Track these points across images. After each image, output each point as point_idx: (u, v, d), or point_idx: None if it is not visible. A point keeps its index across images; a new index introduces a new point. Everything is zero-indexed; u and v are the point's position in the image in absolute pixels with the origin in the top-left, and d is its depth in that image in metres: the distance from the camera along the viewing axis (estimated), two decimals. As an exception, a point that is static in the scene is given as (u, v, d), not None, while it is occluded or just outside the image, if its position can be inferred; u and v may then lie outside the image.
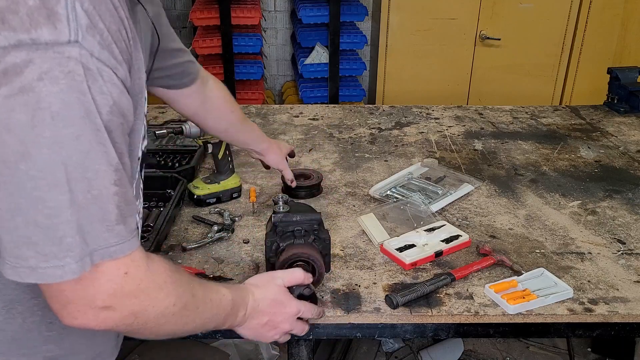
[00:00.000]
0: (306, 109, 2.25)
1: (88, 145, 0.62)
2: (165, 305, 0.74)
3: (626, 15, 3.50)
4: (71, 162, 0.61)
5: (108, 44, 0.63)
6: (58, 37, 0.58)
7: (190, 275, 0.84)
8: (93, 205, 0.64)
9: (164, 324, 0.76)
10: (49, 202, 0.61)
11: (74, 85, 0.59)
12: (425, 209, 1.44)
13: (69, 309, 0.67)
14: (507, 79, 3.60)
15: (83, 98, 0.60)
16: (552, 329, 1.12)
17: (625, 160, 1.82)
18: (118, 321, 0.70)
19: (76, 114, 0.60)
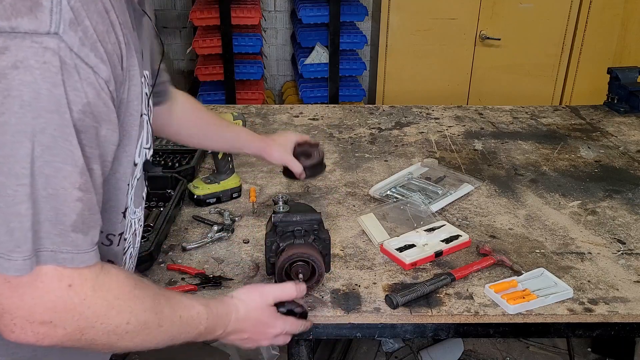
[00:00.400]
0: (306, 109, 2.25)
1: (52, 139, 0.60)
2: (117, 323, 0.70)
3: (626, 15, 3.50)
4: (34, 154, 0.59)
5: (92, 42, 0.62)
6: (38, 27, 0.58)
7: (159, 291, 0.79)
8: (48, 203, 0.61)
9: (117, 341, 0.71)
10: (8, 189, 0.59)
11: (48, 76, 0.58)
12: (425, 209, 1.44)
13: (5, 320, 0.64)
14: (507, 79, 3.60)
15: (55, 90, 0.59)
16: (552, 329, 1.12)
17: (625, 160, 1.82)
18: (62, 337, 0.66)
19: (45, 105, 0.59)
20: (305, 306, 1.03)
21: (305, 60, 3.33)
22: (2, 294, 0.63)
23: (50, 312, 0.64)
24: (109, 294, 0.69)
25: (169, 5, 3.74)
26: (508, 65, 3.57)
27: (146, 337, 0.75)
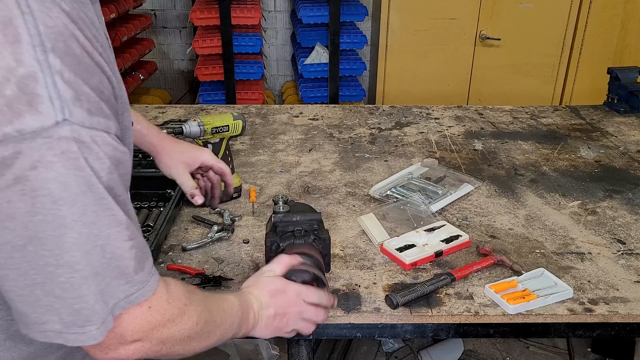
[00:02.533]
0: (306, 109, 2.25)
1: (94, 216, 0.62)
2: (189, 326, 0.76)
3: (626, 15, 3.51)
4: (80, 237, 0.61)
5: (97, 106, 0.61)
6: (44, 122, 0.56)
7: (203, 291, 0.86)
8: (109, 267, 0.65)
9: (190, 343, 0.78)
10: (61, 277, 0.62)
11: (70, 164, 0.58)
12: (426, 209, 1.44)
13: (100, 348, 0.69)
14: (507, 79, 3.60)
15: (81, 174, 0.59)
16: (552, 329, 1.12)
17: (625, 160, 1.82)
18: (148, 350, 0.72)
19: (77, 191, 0.59)
20: (317, 271, 1.00)
21: (305, 60, 3.33)
22: (89, 347, 0.68)
23: (139, 332, 0.71)
24: (179, 302, 0.75)
25: (169, 5, 3.74)
26: (508, 65, 3.57)
27: (210, 334, 0.81)
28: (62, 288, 0.62)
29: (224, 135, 1.59)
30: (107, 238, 0.64)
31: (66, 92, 0.57)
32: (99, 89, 0.62)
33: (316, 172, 1.69)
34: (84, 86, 0.59)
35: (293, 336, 1.00)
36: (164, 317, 0.73)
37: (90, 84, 0.60)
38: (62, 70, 0.57)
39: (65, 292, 0.63)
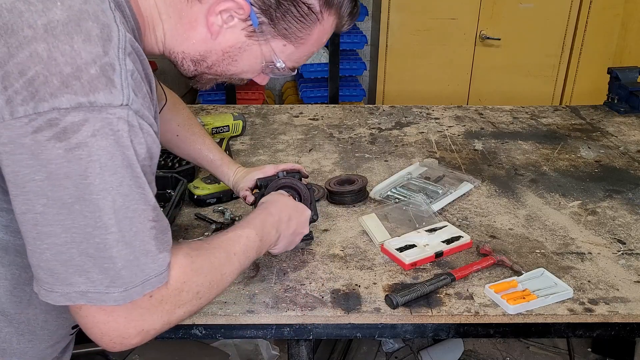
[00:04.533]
0: (306, 109, 2.25)
1: (128, 189, 0.70)
2: (189, 299, 0.81)
3: (626, 15, 3.51)
4: (115, 204, 0.69)
5: (147, 105, 0.75)
6: (112, 101, 0.68)
7: (211, 245, 0.90)
8: (136, 240, 0.72)
9: (194, 310, 0.83)
10: (97, 238, 0.69)
11: (120, 140, 0.69)
12: (427, 209, 1.44)
13: (106, 340, 0.75)
14: (507, 79, 3.60)
15: (126, 151, 0.70)
16: (552, 329, 1.12)
17: (625, 160, 1.81)
18: (154, 334, 0.78)
19: (119, 163, 0.69)
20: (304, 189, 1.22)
21: (305, 60, 3.33)
22: (99, 321, 0.73)
23: (143, 324, 0.76)
24: (178, 285, 0.79)
25: (169, 5, 3.73)
26: (508, 65, 3.57)
27: (216, 291, 0.87)
28: (96, 248, 0.69)
29: (224, 136, 1.59)
30: (135, 212, 0.71)
31: (131, 87, 0.70)
32: (149, 94, 0.77)
33: (316, 172, 1.69)
34: (142, 89, 0.74)
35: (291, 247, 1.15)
36: (165, 305, 0.77)
37: (144, 89, 0.75)
38: (132, 71, 0.71)
39: (98, 252, 0.69)
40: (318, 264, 1.24)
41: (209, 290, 0.85)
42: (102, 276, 0.70)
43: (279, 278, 1.18)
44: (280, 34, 0.87)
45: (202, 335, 1.11)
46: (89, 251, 0.69)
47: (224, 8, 0.82)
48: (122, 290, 0.71)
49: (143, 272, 0.73)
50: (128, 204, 0.71)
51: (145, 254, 0.73)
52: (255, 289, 1.14)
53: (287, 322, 1.09)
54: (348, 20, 0.91)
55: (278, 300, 1.11)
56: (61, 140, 0.66)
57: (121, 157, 0.69)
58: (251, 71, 0.93)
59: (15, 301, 0.79)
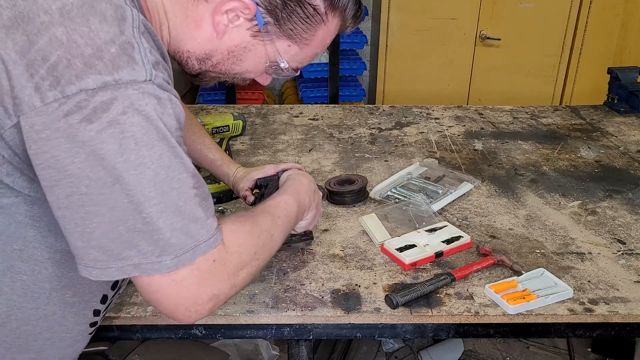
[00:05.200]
0: (306, 109, 2.25)
1: (169, 161, 0.72)
2: (249, 260, 0.85)
3: (626, 15, 3.51)
4: (157, 177, 0.71)
5: (167, 73, 0.76)
6: (136, 77, 0.70)
7: (254, 212, 0.94)
8: (183, 208, 0.73)
9: (255, 271, 0.87)
10: (143, 212, 0.71)
11: (150, 114, 0.70)
12: (427, 209, 1.44)
13: (181, 312, 0.77)
14: (507, 79, 3.60)
15: (158, 124, 0.71)
16: (552, 329, 1.12)
17: (625, 160, 1.81)
18: (224, 299, 0.81)
19: (154, 137, 0.70)
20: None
21: (305, 60, 3.33)
22: (171, 293, 0.75)
23: (212, 288, 0.78)
24: (235, 247, 0.82)
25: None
26: (508, 65, 3.57)
27: (269, 252, 0.91)
28: (143, 222, 0.71)
29: (224, 135, 1.60)
30: (179, 182, 0.73)
31: (151, 62, 0.72)
32: (167, 70, 0.78)
33: (316, 172, 1.69)
34: (160, 65, 0.75)
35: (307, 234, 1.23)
36: (228, 267, 0.80)
37: (162, 64, 0.76)
38: (149, 48, 0.73)
39: (145, 226, 0.71)
40: (318, 264, 1.24)
41: (264, 252, 0.89)
42: (152, 247, 0.72)
43: (279, 278, 1.18)
44: (285, 35, 0.88)
45: (202, 335, 1.11)
46: (136, 226, 0.71)
47: (230, 7, 0.84)
48: (174, 257, 0.73)
49: (193, 239, 0.74)
50: (171, 175, 0.72)
51: (194, 221, 0.74)
52: (255, 289, 1.14)
53: (287, 322, 1.09)
54: (352, 22, 0.93)
55: (278, 300, 1.11)
56: (92, 121, 0.67)
57: (155, 131, 0.70)
58: (255, 71, 0.94)
59: (33, 297, 0.79)
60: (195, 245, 0.75)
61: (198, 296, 0.77)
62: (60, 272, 0.80)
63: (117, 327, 1.09)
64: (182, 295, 0.76)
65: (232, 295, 0.83)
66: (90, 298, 0.86)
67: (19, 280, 0.77)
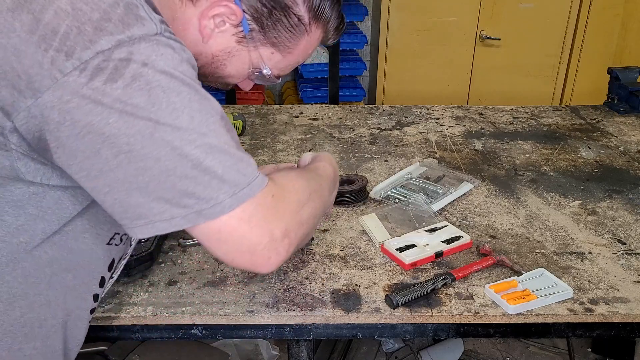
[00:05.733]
0: (306, 109, 2.25)
1: (199, 105, 0.73)
2: (308, 194, 0.87)
3: (626, 15, 3.51)
4: (193, 121, 0.72)
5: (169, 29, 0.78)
6: (148, 31, 0.71)
7: (296, 168, 0.99)
8: (225, 148, 0.74)
9: (321, 201, 0.90)
10: (189, 156, 0.71)
11: (169, 63, 0.71)
12: (427, 209, 1.44)
13: (259, 255, 0.77)
14: (507, 79, 3.60)
15: (180, 68, 0.72)
16: (552, 329, 1.12)
17: (625, 160, 1.81)
18: (294, 240, 0.81)
19: (179, 83, 0.72)
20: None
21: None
22: (243, 235, 0.75)
23: (282, 223, 0.78)
24: (289, 186, 0.85)
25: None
26: (508, 65, 3.57)
27: (322, 199, 0.92)
28: (192, 166, 0.71)
29: (224, 135, 1.59)
30: (215, 124, 0.74)
31: (156, 18, 0.74)
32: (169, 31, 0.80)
33: (316, 172, 1.69)
34: (164, 24, 0.76)
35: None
36: (290, 199, 0.82)
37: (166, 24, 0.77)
38: (151, 6, 0.76)
39: (195, 170, 0.71)
40: (318, 264, 1.24)
41: (317, 197, 0.90)
42: (208, 190, 0.72)
43: (279, 278, 1.18)
44: (269, 42, 0.91)
45: (202, 335, 1.11)
46: (186, 172, 0.71)
47: (217, 13, 0.86)
48: (232, 195, 0.73)
49: (245, 176, 0.75)
50: (205, 117, 0.73)
51: (240, 160, 0.75)
52: (255, 289, 1.14)
53: (287, 322, 1.09)
54: (334, 34, 0.97)
55: (278, 300, 1.11)
56: (116, 80, 0.68)
57: (178, 78, 0.72)
58: (238, 76, 0.96)
59: (34, 283, 0.79)
60: (249, 181, 0.75)
61: (271, 232, 0.77)
62: (60, 254, 0.80)
63: (117, 327, 1.09)
64: (255, 234, 0.75)
65: (301, 237, 0.83)
66: (89, 280, 0.86)
67: (20, 267, 0.77)
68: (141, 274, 1.18)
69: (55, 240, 0.79)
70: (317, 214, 0.91)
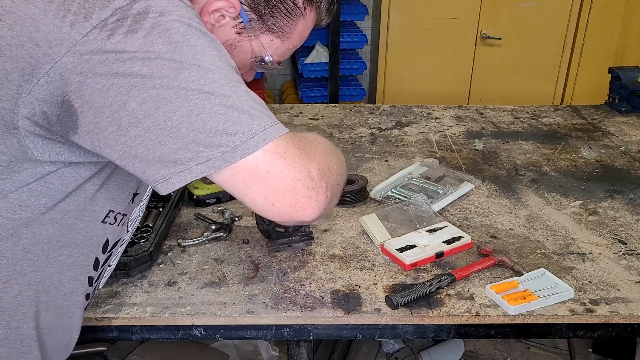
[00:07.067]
0: (306, 109, 2.25)
1: (217, 50, 0.75)
2: (329, 151, 0.87)
3: (627, 14, 3.50)
4: (215, 63, 0.74)
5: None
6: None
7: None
8: (249, 92, 0.75)
9: (337, 161, 0.88)
10: (215, 93, 0.72)
11: (184, 13, 0.75)
12: (427, 209, 1.43)
13: (300, 195, 0.76)
14: (508, 78, 3.60)
15: (196, 19, 0.76)
16: (553, 330, 1.12)
17: (626, 160, 1.81)
18: (328, 183, 0.80)
19: (196, 32, 0.74)
20: None
21: (305, 59, 3.33)
22: (282, 170, 0.75)
23: (316, 162, 0.79)
24: (311, 137, 0.86)
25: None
26: (509, 65, 3.56)
27: (339, 163, 0.90)
28: (219, 104, 0.72)
29: (224, 135, 1.59)
30: (233, 72, 0.76)
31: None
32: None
33: (316, 172, 1.69)
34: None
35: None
36: (320, 151, 0.82)
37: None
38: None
39: (222, 107, 0.72)
40: (318, 264, 1.23)
41: (338, 157, 0.90)
42: (238, 126, 0.72)
43: (278, 278, 1.18)
44: (268, 29, 0.94)
45: (201, 335, 1.11)
46: (214, 110, 0.72)
47: (216, 7, 0.89)
48: (263, 130, 0.73)
49: (270, 117, 0.75)
50: (225, 62, 0.75)
51: (261, 103, 0.76)
52: (255, 290, 1.14)
53: (287, 323, 1.09)
54: (326, 15, 1.01)
55: (278, 300, 1.11)
56: (136, 30, 0.70)
57: (197, 27, 0.75)
58: (241, 67, 0.98)
59: (32, 259, 0.79)
60: (274, 122, 0.75)
61: (308, 169, 0.76)
62: (59, 232, 0.80)
63: (116, 327, 1.09)
64: (293, 169, 0.75)
65: (334, 188, 0.83)
66: (84, 260, 0.86)
67: (20, 244, 0.77)
68: (140, 274, 1.18)
69: (57, 218, 0.79)
70: (342, 171, 0.90)
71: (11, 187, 0.75)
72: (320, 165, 0.79)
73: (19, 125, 0.71)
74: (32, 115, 0.71)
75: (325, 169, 0.80)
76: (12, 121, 0.71)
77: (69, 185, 0.78)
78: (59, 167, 0.76)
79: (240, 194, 0.76)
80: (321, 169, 0.79)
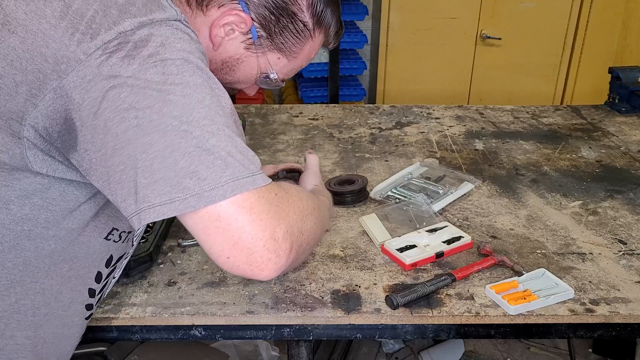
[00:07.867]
0: (306, 109, 2.25)
1: (209, 89, 0.74)
2: (310, 207, 0.85)
3: (627, 14, 3.50)
4: (204, 102, 0.72)
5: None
6: (169, 16, 0.76)
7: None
8: (233, 138, 0.73)
9: (319, 223, 0.88)
10: (194, 133, 0.70)
11: (185, 47, 0.75)
12: (428, 209, 1.43)
13: (257, 254, 0.73)
14: (508, 78, 3.59)
15: (196, 54, 0.75)
16: (553, 330, 1.12)
17: (626, 160, 1.81)
18: (293, 247, 0.77)
19: (193, 67, 0.74)
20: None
21: (305, 59, 3.32)
22: (244, 225, 0.71)
23: (285, 222, 0.76)
24: (292, 191, 0.83)
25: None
26: (509, 65, 3.56)
27: (320, 219, 0.90)
28: (196, 145, 0.70)
29: (224, 135, 1.59)
30: (223, 109, 0.75)
31: (178, 9, 0.79)
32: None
33: (316, 172, 1.68)
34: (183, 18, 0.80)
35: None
36: (296, 206, 0.80)
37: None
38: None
39: (199, 149, 0.70)
40: (318, 264, 1.23)
41: (318, 213, 0.88)
42: (210, 172, 0.70)
43: (278, 278, 1.18)
44: (276, 48, 0.95)
45: (201, 336, 1.11)
46: (190, 150, 0.69)
47: (228, 21, 0.90)
48: (234, 180, 0.70)
49: (247, 168, 0.72)
50: (215, 103, 0.73)
51: (245, 150, 0.74)
52: (254, 290, 1.14)
53: (286, 323, 1.09)
54: (334, 39, 1.02)
55: (278, 300, 1.11)
56: (134, 57, 0.71)
57: (195, 62, 0.74)
58: (246, 81, 1.00)
59: (32, 271, 0.79)
60: (252, 172, 0.73)
61: (273, 229, 0.73)
62: (61, 247, 0.81)
63: (116, 327, 1.09)
64: (256, 227, 0.71)
65: (300, 250, 0.80)
66: (85, 273, 0.86)
67: (22, 256, 0.78)
68: (140, 274, 1.18)
69: (61, 235, 0.80)
70: (317, 232, 0.88)
71: (12, 196, 0.75)
72: (289, 226, 0.76)
73: (24, 135, 0.72)
74: (36, 129, 0.72)
75: (294, 230, 0.77)
76: (19, 132, 0.72)
77: (70, 202, 0.78)
78: (59, 182, 0.76)
79: (199, 239, 0.74)
80: (290, 229, 0.76)
